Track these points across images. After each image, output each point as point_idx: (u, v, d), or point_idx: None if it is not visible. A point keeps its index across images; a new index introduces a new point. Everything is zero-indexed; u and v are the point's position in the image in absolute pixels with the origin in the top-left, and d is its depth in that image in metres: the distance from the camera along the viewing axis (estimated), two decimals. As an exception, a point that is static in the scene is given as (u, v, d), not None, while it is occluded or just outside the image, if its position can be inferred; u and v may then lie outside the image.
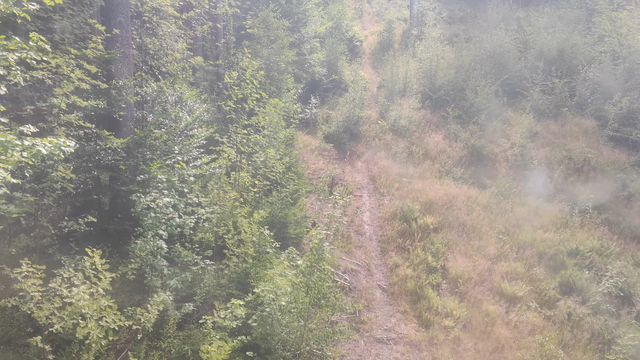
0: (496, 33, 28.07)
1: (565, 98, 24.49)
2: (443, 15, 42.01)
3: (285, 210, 15.15)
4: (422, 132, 23.40)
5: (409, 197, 17.95)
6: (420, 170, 20.47)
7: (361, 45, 36.06)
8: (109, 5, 14.67)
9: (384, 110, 25.42)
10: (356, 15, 43.29)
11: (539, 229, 16.37)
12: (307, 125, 24.86)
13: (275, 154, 15.83)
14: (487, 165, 20.64)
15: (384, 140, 22.91)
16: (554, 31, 28.45)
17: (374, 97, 28.82)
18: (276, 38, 22.98)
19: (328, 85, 27.85)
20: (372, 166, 21.09)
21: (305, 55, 27.32)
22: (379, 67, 33.40)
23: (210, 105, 17.66)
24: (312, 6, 28.15)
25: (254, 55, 23.24)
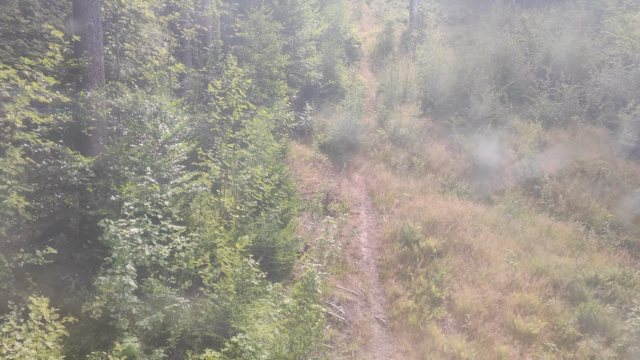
0: (501, 35, 26.44)
1: (575, 105, 22.89)
2: (444, 16, 40.40)
3: (273, 234, 13.57)
4: (423, 142, 21.80)
5: (410, 215, 16.37)
6: (421, 183, 18.87)
7: (359, 48, 34.46)
8: (77, 8, 13.07)
9: (383, 117, 23.82)
10: (354, 16, 41.70)
11: (553, 253, 14.79)
12: (302, 133, 23.28)
13: (262, 171, 14.25)
14: (494, 179, 19.05)
15: (383, 150, 21.31)
16: (561, 33, 26.84)
17: (373, 102, 27.24)
18: (268, 42, 21.38)
19: (324, 91, 26.26)
20: (371, 179, 19.50)
21: (300, 59, 25.73)
22: (378, 70, 31.80)
23: (192, 116, 16.08)
24: (308, 7, 26.56)
25: (245, 60, 21.65)
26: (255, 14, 21.29)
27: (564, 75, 24.02)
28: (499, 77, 24.48)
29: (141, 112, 14.20)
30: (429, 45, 27.15)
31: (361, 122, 22.31)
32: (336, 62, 27.51)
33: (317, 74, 25.84)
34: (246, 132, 14.79)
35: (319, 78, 25.86)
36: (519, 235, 15.67)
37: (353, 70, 29.49)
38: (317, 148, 21.77)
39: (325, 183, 18.83)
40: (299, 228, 15.92)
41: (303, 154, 21.13)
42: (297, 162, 20.44)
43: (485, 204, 17.65)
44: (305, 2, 26.21)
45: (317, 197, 17.78)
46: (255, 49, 21.29)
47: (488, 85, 23.78)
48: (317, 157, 20.90)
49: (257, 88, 20.16)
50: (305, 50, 26.37)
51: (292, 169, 19.93)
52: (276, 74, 21.20)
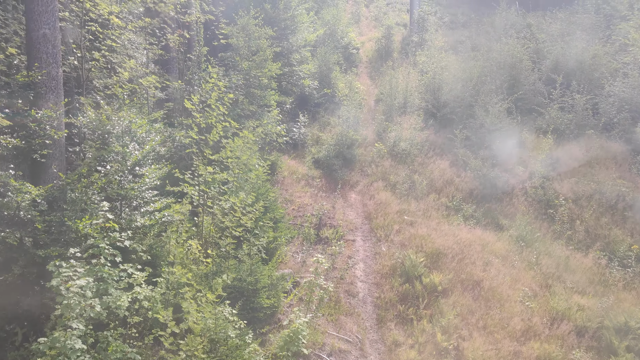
0: (507, 41, 24.56)
1: (587, 117, 21.03)
2: (445, 20, 38.55)
3: (256, 271, 11.70)
4: (425, 157, 19.93)
5: (412, 244, 14.49)
6: (424, 205, 17.01)
7: (358, 53, 32.60)
8: (30, 13, 11.18)
9: (381, 130, 21.95)
10: (353, 20, 39.84)
11: (574, 291, 12.92)
12: (295, 146, 21.42)
13: (245, 199, 12.38)
14: (503, 200, 17.19)
15: (381, 166, 19.44)
16: (570, 39, 24.98)
17: (371, 112, 25.39)
18: (258, 49, 19.52)
19: (320, 100, 24.39)
20: (368, 200, 17.64)
21: (293, 67, 23.87)
22: (376, 77, 29.95)
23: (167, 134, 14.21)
24: (302, 11, 24.69)
25: (233, 69, 19.79)
26: (244, 19, 19.43)
27: (575, 84, 22.19)
28: (505, 86, 22.62)
29: (107, 132, 12.35)
30: (431, 52, 25.29)
31: (358, 136, 20.44)
32: (332, 69, 25.63)
33: (312, 83, 23.97)
34: (227, 153, 12.91)
35: (314, 87, 24.00)
36: (534, 268, 13.80)
37: (350, 77, 27.61)
38: (311, 163, 19.92)
39: (318, 205, 16.96)
40: (287, 260, 14.05)
41: (295, 170, 19.26)
42: (288, 179, 18.57)
43: (494, 229, 15.79)
44: (299, 6, 24.35)
45: (309, 221, 15.92)
46: (244, 57, 19.44)
47: (494, 95, 21.94)
48: (310, 174, 19.04)
49: (244, 100, 18.30)
50: (300, 57, 24.51)
51: (282, 188, 18.08)
52: (266, 84, 19.35)
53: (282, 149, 20.14)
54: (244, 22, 19.36)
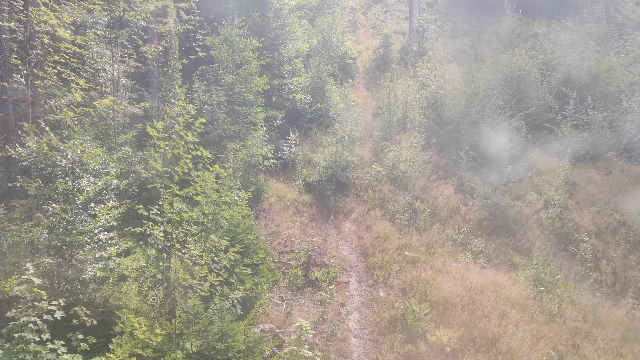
0: (514, 52, 22.45)
1: (605, 136, 18.93)
2: (445, 28, 36.47)
3: (228, 335, 9.54)
4: (427, 181, 17.79)
5: (414, 290, 12.32)
6: (427, 238, 14.86)
7: (354, 63, 30.47)
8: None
9: (379, 149, 19.81)
10: (350, 27, 37.74)
11: (608, 352, 10.76)
12: (285, 167, 19.26)
13: (216, 243, 10.24)
14: (517, 234, 15.03)
15: (379, 192, 17.28)
16: (583, 50, 22.90)
17: (368, 127, 23.24)
18: (243, 61, 17.39)
19: (313, 115, 22.25)
20: (364, 231, 15.47)
21: (285, 79, 21.75)
22: (374, 88, 27.82)
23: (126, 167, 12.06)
24: (294, 20, 22.58)
25: (215, 84, 17.65)
26: (227, 29, 17.29)
27: (590, 100, 20.10)
28: (514, 101, 20.51)
29: (53, 164, 10.20)
30: (432, 63, 23.18)
31: (353, 157, 18.27)
32: (327, 81, 23.51)
33: (304, 96, 21.83)
34: (196, 189, 10.75)
35: (306, 101, 21.85)
36: (557, 321, 11.63)
37: (346, 90, 25.50)
38: (302, 187, 17.76)
39: (307, 238, 14.80)
40: (269, 310, 11.87)
41: (284, 195, 17.10)
42: (275, 207, 16.41)
43: (508, 269, 13.64)
44: (291, 14, 22.24)
45: (297, 258, 13.77)
46: (228, 70, 17.32)
47: (502, 111, 19.84)
48: (300, 200, 16.88)
49: (226, 119, 16.15)
50: (291, 69, 22.40)
51: (268, 217, 15.92)
52: (252, 101, 17.21)
53: (270, 171, 18.00)
54: (227, 32, 17.22)
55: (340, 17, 38.53)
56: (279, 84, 21.27)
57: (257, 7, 21.21)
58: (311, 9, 35.17)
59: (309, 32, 29.50)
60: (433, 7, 41.27)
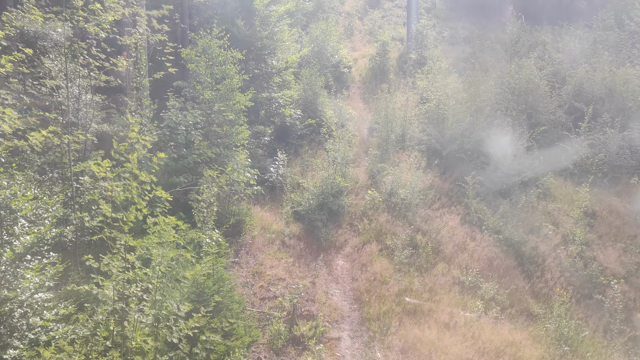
0: (521, 63, 20.37)
1: (625, 157, 16.88)
2: (444, 34, 34.46)
3: None
4: (430, 209, 15.71)
5: (417, 354, 10.23)
6: (430, 280, 12.78)
7: (349, 72, 28.38)
8: None
9: (376, 171, 17.71)
10: (346, 33, 35.67)
11: None
12: (272, 190, 17.15)
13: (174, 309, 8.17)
14: (533, 275, 12.95)
15: (375, 222, 15.19)
16: (596, 60, 20.86)
17: (364, 142, 21.17)
18: (224, 76, 15.30)
19: (304, 131, 20.14)
20: (358, 271, 13.38)
21: (274, 92, 19.66)
22: (370, 99, 25.72)
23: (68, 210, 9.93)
24: (284, 28, 20.47)
25: (192, 101, 15.54)
26: (205, 39, 15.18)
27: (607, 116, 18.06)
28: (523, 118, 18.45)
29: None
30: (432, 75, 21.10)
31: (347, 182, 16.17)
32: (319, 94, 21.41)
33: (294, 111, 19.73)
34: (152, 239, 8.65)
35: (297, 116, 19.74)
36: (589, 394, 9.57)
37: (341, 103, 23.39)
38: (290, 215, 15.68)
39: (294, 280, 12.72)
40: (245, 381, 9.78)
41: (269, 225, 14.99)
42: (259, 240, 14.30)
43: (525, 320, 11.55)
44: (280, 21, 20.13)
45: (280, 306, 11.69)
46: (206, 86, 15.21)
47: (511, 129, 17.78)
48: (287, 232, 14.79)
49: (202, 143, 14.03)
50: (281, 81, 20.31)
51: (249, 254, 13.82)
52: (233, 120, 15.12)
53: (254, 198, 15.89)
54: (205, 43, 15.10)
55: (336, 23, 36.50)
56: (266, 98, 19.18)
57: (242, 14, 19.12)
58: (305, 15, 33.15)
59: (301, 40, 27.46)
60: (431, 12, 39.27)
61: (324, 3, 35.03)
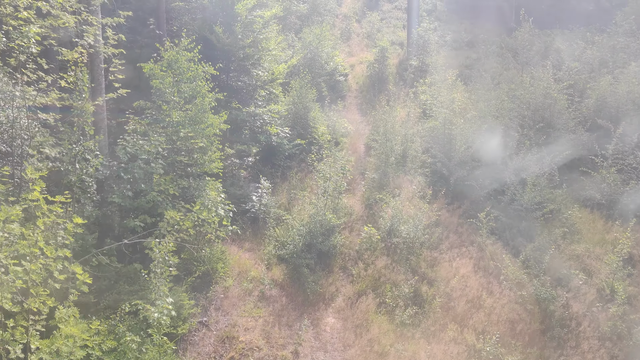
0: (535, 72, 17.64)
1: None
2: (447, 38, 31.68)
3: None
4: (436, 250, 13.07)
5: None
6: (440, 349, 10.15)
7: (346, 81, 25.68)
8: None
9: (373, 201, 15.05)
10: (343, 37, 32.94)
11: None
12: (254, 222, 14.55)
13: None
14: (565, 345, 10.29)
15: (372, 267, 12.55)
16: (621, 72, 18.18)
17: (361, 162, 18.51)
18: (194, 94, 12.66)
19: (293, 151, 17.50)
20: (352, 334, 10.75)
21: (259, 107, 16.98)
22: (368, 110, 23.02)
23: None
24: (271, 35, 17.72)
25: (155, 124, 12.87)
26: (171, 52, 12.50)
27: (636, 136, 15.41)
28: (542, 139, 15.78)
29: None
30: (437, 88, 18.40)
31: (339, 220, 13.48)
32: (311, 108, 18.74)
33: (282, 129, 17.06)
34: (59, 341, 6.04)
35: (285, 135, 17.07)
36: None
37: (335, 116, 20.71)
38: (272, 255, 13.07)
39: (273, 350, 10.10)
40: None
41: (247, 270, 12.38)
42: (233, 292, 11.68)
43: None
44: (265, 28, 17.40)
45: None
46: (173, 106, 12.56)
47: (528, 151, 15.16)
48: (267, 281, 12.17)
49: (162, 179, 11.36)
50: (267, 95, 17.62)
51: (220, 311, 11.19)
52: (204, 147, 12.48)
53: (231, 239, 13.25)
54: (171, 56, 12.42)
55: (333, 25, 33.77)
56: (250, 114, 16.50)
57: (222, 20, 16.42)
58: (299, 17, 30.42)
59: (293, 46, 24.77)
60: (432, 15, 36.43)
61: (319, 5, 32.25)
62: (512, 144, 15.13)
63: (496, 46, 28.32)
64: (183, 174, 12.22)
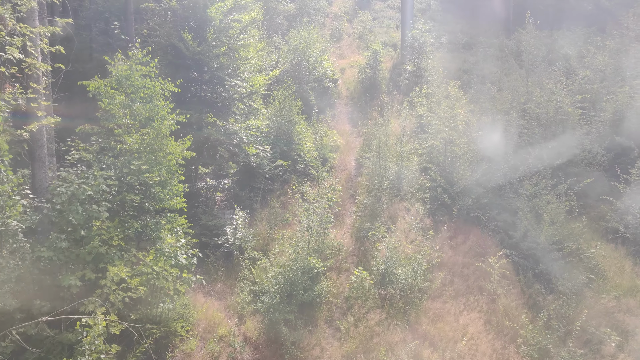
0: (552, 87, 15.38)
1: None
2: (442, 40, 29.36)
3: None
4: (439, 299, 10.84)
5: None
6: None
7: (335, 87, 23.37)
8: None
9: (364, 232, 12.79)
10: (333, 37, 30.56)
11: None
12: (228, 258, 12.35)
13: None
14: None
15: (364, 322, 10.30)
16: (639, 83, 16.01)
17: (351, 180, 16.31)
18: (152, 116, 10.33)
19: (275, 172, 15.22)
20: (339, 417, 8.56)
21: (237, 122, 14.66)
22: (360, 120, 20.75)
23: None
24: (250, 41, 15.28)
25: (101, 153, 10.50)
26: (121, 67, 10.12)
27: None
28: (559, 163, 13.57)
29: None
30: (437, 100, 16.11)
31: (323, 265, 11.18)
32: (296, 122, 16.43)
33: (262, 148, 14.74)
34: None
35: (265, 154, 14.75)
36: None
37: (323, 129, 18.40)
38: (246, 304, 10.82)
39: None
40: None
41: (215, 325, 10.14)
42: (195, 357, 9.43)
43: None
44: (243, 33, 14.99)
45: None
46: (126, 131, 10.23)
47: (540, 177, 12.97)
48: (238, 341, 9.93)
49: (104, 226, 9.03)
50: (245, 109, 15.27)
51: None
52: (163, 181, 10.17)
53: (197, 287, 10.97)
54: (121, 72, 10.05)
55: (323, 25, 31.41)
56: (226, 130, 14.18)
57: (193, 24, 14.04)
58: (286, 18, 28.02)
59: (280, 49, 22.42)
60: (426, 14, 34.03)
61: (308, 5, 29.83)
62: (524, 168, 12.91)
63: (495, 48, 26.20)
64: (136, 214, 9.90)
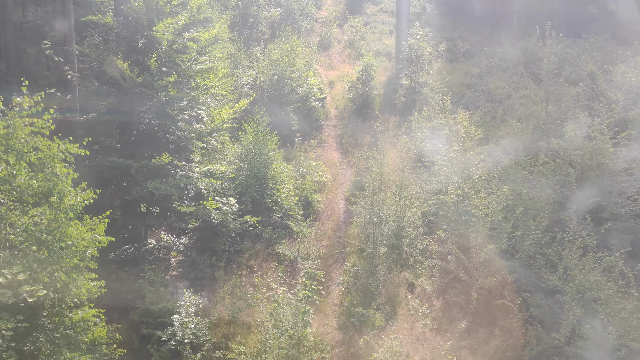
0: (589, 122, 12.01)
1: None
2: (440, 49, 25.96)
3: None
4: None
5: None
6: None
7: (323, 107, 19.94)
8: None
9: (355, 320, 9.36)
10: (322, 44, 27.07)
11: None
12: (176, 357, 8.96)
13: None
14: None
15: None
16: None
17: (340, 229, 12.99)
18: (48, 191, 6.88)
19: (244, 227, 11.75)
20: None
21: (194, 166, 11.23)
22: (350, 147, 17.34)
23: None
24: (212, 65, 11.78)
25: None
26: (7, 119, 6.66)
27: None
28: (605, 227, 10.20)
29: None
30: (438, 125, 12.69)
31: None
32: (271, 160, 12.97)
33: (226, 202, 11.29)
34: None
35: (229, 209, 11.29)
36: None
37: (307, 160, 15.00)
38: None
39: None
40: None
41: None
42: None
43: None
44: (203, 55, 11.46)
45: None
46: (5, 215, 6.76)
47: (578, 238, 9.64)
48: None
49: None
50: (208, 148, 11.83)
51: None
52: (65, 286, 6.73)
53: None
54: None
55: (311, 31, 27.90)
56: (181, 181, 10.73)
57: (139, 46, 10.53)
58: (270, 25, 24.51)
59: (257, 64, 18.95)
60: (421, 19, 30.55)
61: (294, 9, 26.30)
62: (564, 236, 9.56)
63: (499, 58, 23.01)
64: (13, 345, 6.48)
